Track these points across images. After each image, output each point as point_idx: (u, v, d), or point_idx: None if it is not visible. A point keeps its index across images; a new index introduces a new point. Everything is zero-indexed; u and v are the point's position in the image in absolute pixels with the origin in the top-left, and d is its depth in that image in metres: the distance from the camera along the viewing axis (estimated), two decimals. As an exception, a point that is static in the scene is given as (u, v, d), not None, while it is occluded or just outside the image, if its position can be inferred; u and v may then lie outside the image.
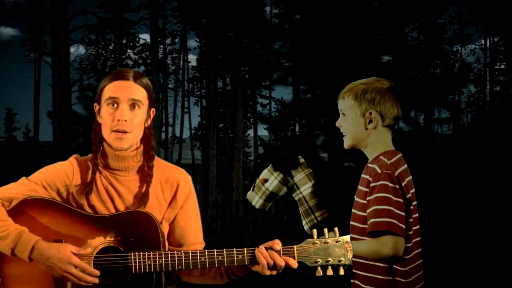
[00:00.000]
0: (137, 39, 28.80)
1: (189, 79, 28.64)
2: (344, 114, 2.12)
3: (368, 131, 2.07)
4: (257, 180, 2.52)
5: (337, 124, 2.15)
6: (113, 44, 28.53)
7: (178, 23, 26.61)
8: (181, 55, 27.22)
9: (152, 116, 1.85)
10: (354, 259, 1.93)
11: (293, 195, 2.46)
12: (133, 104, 1.77)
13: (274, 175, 2.47)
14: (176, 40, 27.71)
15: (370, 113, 2.06)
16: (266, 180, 2.48)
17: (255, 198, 2.53)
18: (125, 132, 1.75)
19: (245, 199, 2.66)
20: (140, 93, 1.79)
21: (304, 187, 2.41)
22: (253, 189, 2.55)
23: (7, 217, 1.68)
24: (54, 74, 8.66)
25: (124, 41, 28.70)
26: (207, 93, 22.47)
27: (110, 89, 1.77)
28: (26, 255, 1.62)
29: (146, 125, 1.83)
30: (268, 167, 2.49)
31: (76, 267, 1.62)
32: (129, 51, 28.62)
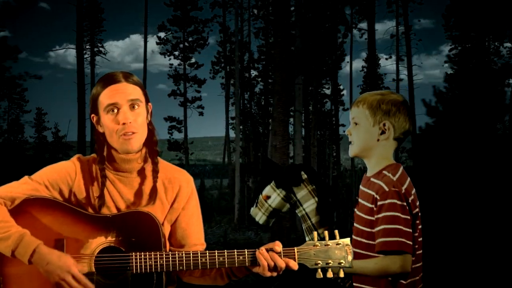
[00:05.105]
0: (206, 38, 29.43)
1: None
2: (356, 123, 2.09)
3: (378, 142, 2.05)
4: (260, 197, 2.50)
5: (346, 132, 2.13)
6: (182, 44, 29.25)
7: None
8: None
9: (150, 110, 1.86)
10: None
11: (296, 211, 2.43)
12: (132, 105, 1.77)
13: (277, 192, 2.43)
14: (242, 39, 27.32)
15: (384, 124, 2.03)
16: (268, 197, 2.46)
17: (259, 214, 2.51)
18: (132, 133, 1.76)
19: None
20: (136, 92, 1.79)
21: (307, 203, 2.37)
22: (256, 205, 2.53)
23: (9, 218, 1.69)
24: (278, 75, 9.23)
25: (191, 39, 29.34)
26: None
27: (106, 96, 1.77)
28: (27, 258, 1.63)
29: (147, 121, 1.84)
30: (271, 184, 2.46)
31: (73, 277, 1.63)
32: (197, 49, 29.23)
